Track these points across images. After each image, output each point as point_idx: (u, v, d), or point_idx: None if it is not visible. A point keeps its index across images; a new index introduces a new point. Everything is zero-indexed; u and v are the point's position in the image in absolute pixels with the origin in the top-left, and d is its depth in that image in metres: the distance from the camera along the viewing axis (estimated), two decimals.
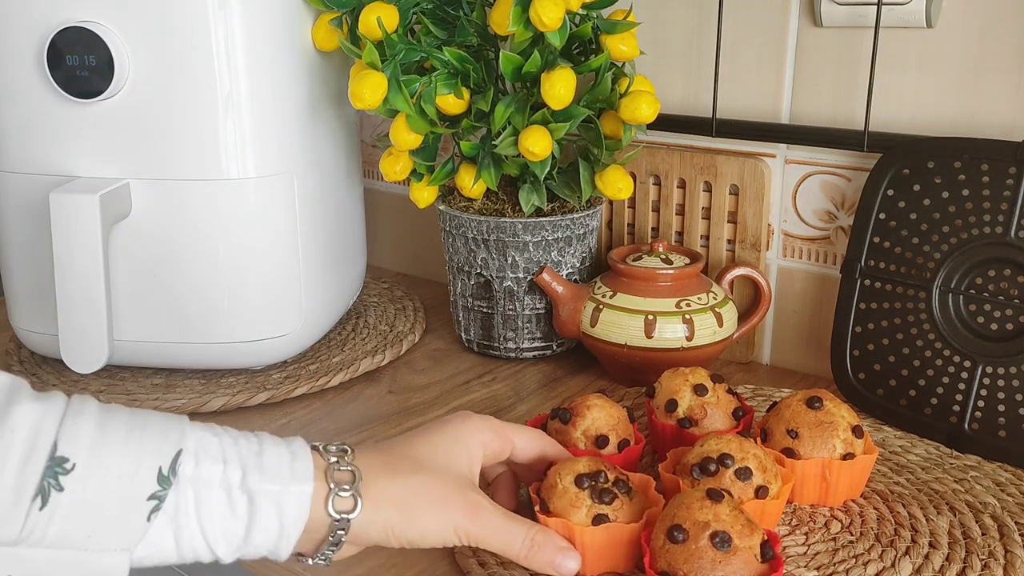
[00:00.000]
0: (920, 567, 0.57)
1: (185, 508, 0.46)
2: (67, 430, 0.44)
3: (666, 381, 0.69)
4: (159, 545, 0.47)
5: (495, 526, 0.52)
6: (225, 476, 0.47)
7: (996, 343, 0.70)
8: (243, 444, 0.49)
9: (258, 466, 0.48)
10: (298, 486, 0.48)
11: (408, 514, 0.51)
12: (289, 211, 0.83)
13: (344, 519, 0.49)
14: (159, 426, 0.47)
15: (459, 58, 0.79)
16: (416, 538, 0.51)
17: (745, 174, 0.87)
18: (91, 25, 0.74)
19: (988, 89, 0.75)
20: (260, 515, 0.48)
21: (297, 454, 0.49)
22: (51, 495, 0.43)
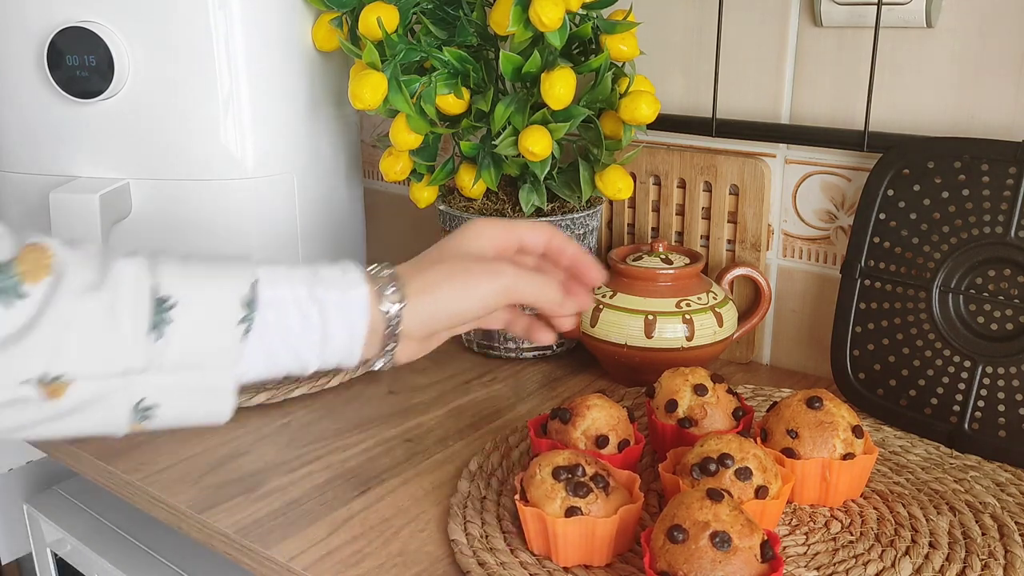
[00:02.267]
0: (920, 567, 0.57)
1: (268, 328, 0.54)
2: (161, 275, 0.52)
3: (666, 381, 0.69)
4: (253, 363, 0.55)
5: (530, 280, 0.60)
6: (295, 294, 0.55)
7: (996, 343, 0.70)
8: (300, 269, 0.58)
9: (318, 281, 0.57)
10: (355, 290, 0.57)
11: (442, 294, 0.59)
12: (289, 211, 0.83)
13: (394, 313, 0.57)
14: (233, 264, 0.56)
15: (459, 58, 0.79)
16: (459, 309, 0.59)
17: (745, 174, 0.87)
18: (91, 25, 0.74)
19: (988, 89, 0.75)
20: (330, 321, 0.56)
21: (346, 268, 0.58)
22: (163, 329, 0.52)
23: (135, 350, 0.51)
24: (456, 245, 0.62)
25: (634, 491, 0.58)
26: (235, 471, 0.70)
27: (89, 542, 0.89)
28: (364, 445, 0.74)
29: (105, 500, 0.94)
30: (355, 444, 0.75)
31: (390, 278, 0.58)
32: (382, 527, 0.63)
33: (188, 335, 0.52)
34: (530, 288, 0.60)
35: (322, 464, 0.71)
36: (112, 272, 0.52)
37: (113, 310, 0.51)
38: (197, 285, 0.53)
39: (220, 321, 0.53)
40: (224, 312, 0.53)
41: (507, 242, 0.63)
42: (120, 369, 0.52)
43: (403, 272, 0.59)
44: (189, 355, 0.53)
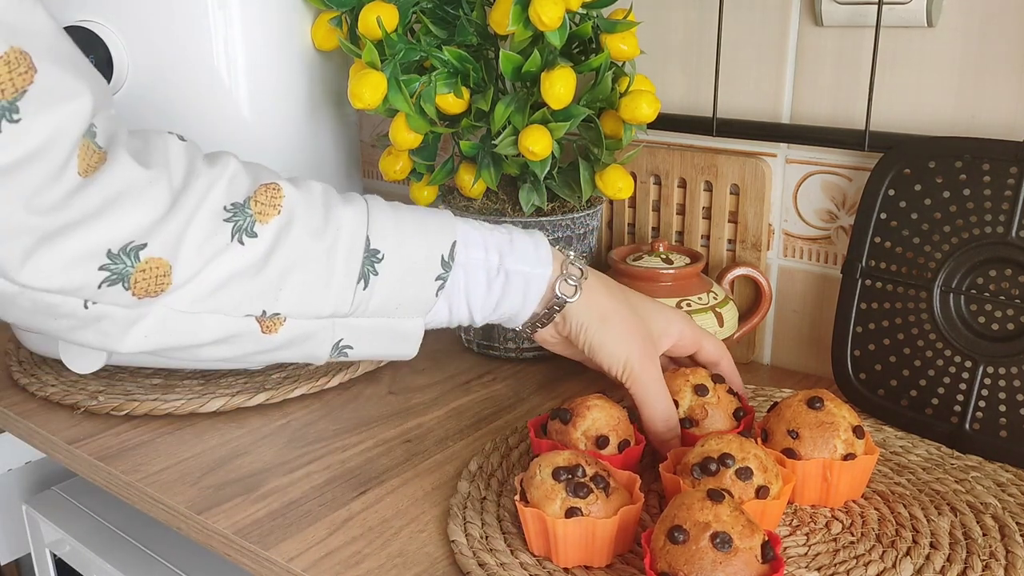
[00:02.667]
0: (921, 568, 0.57)
1: (457, 286, 0.61)
2: (375, 228, 0.58)
3: (667, 382, 0.69)
4: (438, 313, 0.62)
5: (653, 383, 0.64)
6: (487, 260, 0.61)
7: (997, 343, 0.70)
8: (497, 234, 0.63)
9: (511, 249, 0.62)
10: (542, 268, 0.62)
11: (603, 324, 0.63)
12: None
13: (563, 300, 0.63)
14: (436, 222, 0.60)
15: (459, 57, 0.79)
16: (597, 346, 0.64)
17: (746, 174, 0.87)
18: (90, 24, 0.73)
19: (989, 88, 0.75)
20: (511, 291, 0.62)
21: (539, 244, 0.63)
22: (370, 279, 0.57)
23: (344, 296, 0.57)
24: (651, 312, 0.67)
25: (634, 492, 0.58)
26: (234, 472, 0.70)
27: (88, 543, 0.89)
28: (364, 446, 0.74)
29: (104, 501, 0.94)
30: (355, 445, 0.74)
31: (578, 273, 0.64)
32: (382, 528, 0.63)
33: (390, 287, 0.58)
34: (646, 395, 0.64)
35: (321, 465, 0.71)
36: (334, 219, 0.57)
37: (331, 257, 0.56)
38: (405, 241, 0.59)
39: (419, 277, 0.59)
40: (424, 269, 0.59)
41: (686, 343, 0.69)
42: (329, 312, 0.57)
43: (592, 279, 0.65)
44: (388, 304, 0.59)
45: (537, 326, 0.65)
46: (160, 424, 0.78)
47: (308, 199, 0.57)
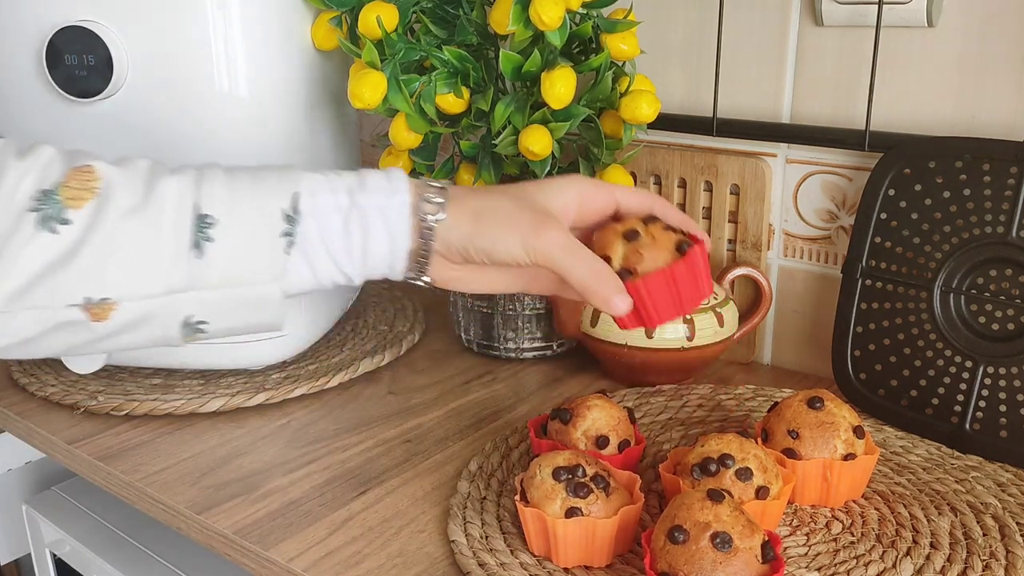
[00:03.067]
0: (921, 568, 0.57)
1: (311, 238, 0.54)
2: (204, 192, 0.53)
3: (596, 240, 0.59)
4: (299, 274, 0.55)
5: (560, 247, 0.55)
6: (337, 202, 0.55)
7: (997, 343, 0.70)
8: (346, 175, 0.57)
9: (362, 186, 0.56)
10: (398, 196, 0.56)
11: (482, 224, 0.55)
12: None
13: (429, 222, 0.55)
14: (275, 177, 0.55)
15: (459, 57, 0.79)
16: (488, 247, 0.55)
17: (746, 174, 0.87)
18: (90, 24, 0.73)
19: (989, 88, 0.75)
20: (372, 228, 0.55)
21: (392, 175, 0.57)
22: (205, 246, 0.52)
23: (176, 270, 0.52)
24: (532, 190, 0.58)
25: (634, 492, 0.58)
26: (234, 472, 0.70)
27: (88, 543, 0.89)
28: (363, 446, 0.74)
29: (104, 501, 0.94)
30: (354, 445, 0.74)
31: (437, 191, 0.56)
32: (382, 528, 0.63)
33: (230, 252, 0.53)
34: (560, 262, 0.55)
35: (321, 465, 0.71)
36: (156, 191, 0.52)
37: (155, 231, 0.52)
38: (238, 201, 0.53)
39: (261, 237, 0.53)
40: (265, 228, 0.53)
41: (596, 202, 0.59)
42: (162, 289, 0.52)
43: (455, 191, 0.57)
44: (233, 272, 0.53)
45: (424, 265, 0.57)
46: (160, 424, 0.78)
47: (128, 177, 0.53)
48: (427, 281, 0.58)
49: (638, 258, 0.56)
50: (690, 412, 0.78)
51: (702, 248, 0.57)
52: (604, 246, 0.57)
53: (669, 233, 0.57)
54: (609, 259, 0.56)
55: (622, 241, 0.57)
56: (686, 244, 0.56)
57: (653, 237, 0.56)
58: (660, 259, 0.56)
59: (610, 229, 0.57)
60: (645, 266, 0.55)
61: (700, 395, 0.81)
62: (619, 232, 0.57)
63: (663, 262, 0.56)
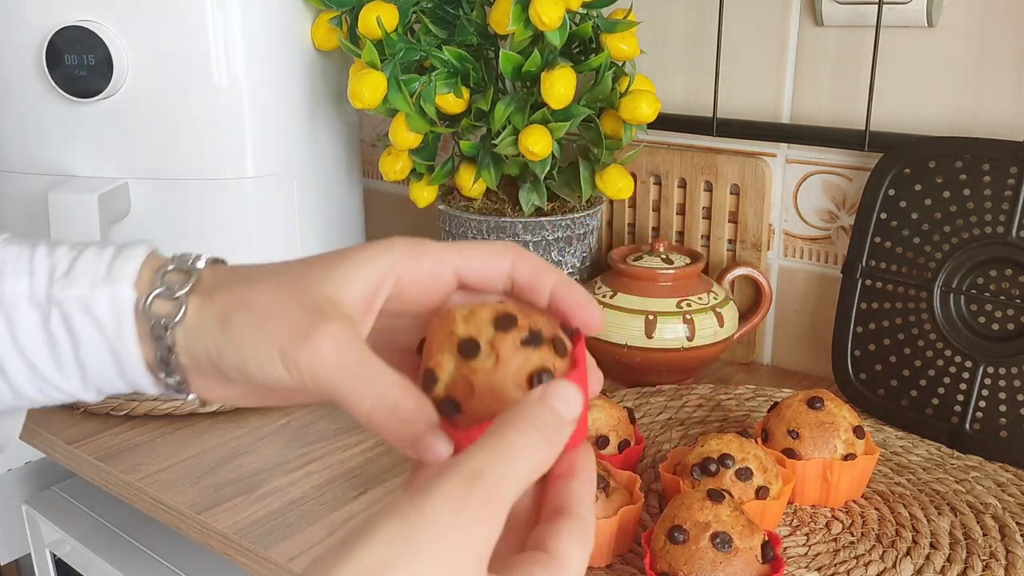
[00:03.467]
0: (921, 568, 0.57)
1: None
2: None
3: (427, 338, 0.38)
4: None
5: (335, 363, 0.35)
6: (32, 288, 0.38)
7: (997, 343, 0.70)
8: (60, 251, 0.39)
9: (69, 271, 0.38)
10: (110, 287, 0.38)
11: (231, 330, 0.37)
12: (289, 211, 0.83)
13: (160, 324, 0.37)
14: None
15: (459, 57, 0.79)
16: (239, 362, 0.36)
17: (746, 174, 0.87)
18: (90, 24, 0.73)
19: (989, 89, 0.74)
20: (80, 330, 0.38)
21: (127, 254, 0.39)
22: None
23: None
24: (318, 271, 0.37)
25: (634, 492, 0.58)
26: (234, 472, 0.70)
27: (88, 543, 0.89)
28: (364, 446, 0.74)
29: (104, 501, 0.94)
30: (355, 445, 0.74)
31: (181, 278, 0.38)
32: None
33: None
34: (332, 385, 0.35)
35: (321, 465, 0.71)
36: None
37: None
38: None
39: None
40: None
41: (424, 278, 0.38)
42: None
43: (210, 278, 0.38)
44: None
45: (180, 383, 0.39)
46: (160, 424, 0.78)
47: None
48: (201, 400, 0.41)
49: (468, 389, 0.36)
50: (690, 412, 0.78)
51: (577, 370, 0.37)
52: (431, 353, 0.38)
53: (526, 351, 0.36)
54: (434, 375, 0.37)
55: (455, 353, 0.37)
56: (546, 375, 0.36)
57: (498, 357, 0.36)
58: (500, 396, 0.36)
59: (446, 323, 0.38)
60: (475, 404, 0.36)
61: (700, 395, 0.81)
62: (455, 337, 0.37)
63: (502, 403, 0.36)
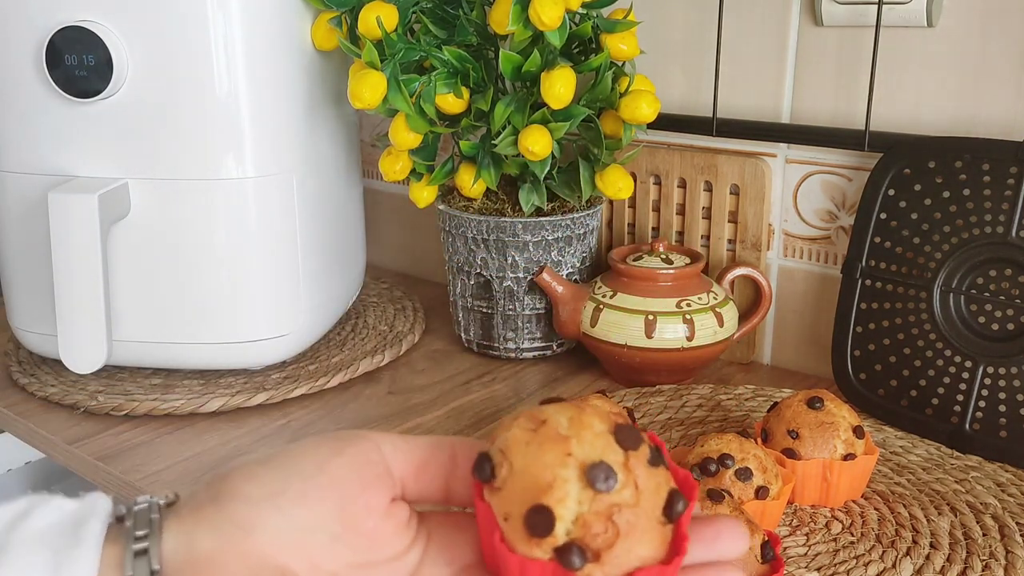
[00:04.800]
0: (921, 568, 0.57)
1: None
2: None
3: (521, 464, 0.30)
4: None
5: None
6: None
7: (997, 343, 0.70)
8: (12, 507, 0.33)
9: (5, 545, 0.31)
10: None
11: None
12: (288, 211, 0.83)
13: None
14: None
15: (459, 57, 0.79)
16: None
17: (746, 174, 0.87)
18: (90, 24, 0.73)
19: (989, 89, 0.74)
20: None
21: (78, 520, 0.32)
22: None
23: None
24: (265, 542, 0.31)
25: None
26: None
27: None
28: None
29: None
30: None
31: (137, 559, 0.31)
32: None
33: None
34: None
35: None
36: None
37: None
38: None
39: None
40: None
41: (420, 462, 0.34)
42: None
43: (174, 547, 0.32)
44: None
45: None
46: (160, 424, 0.78)
47: None
48: None
49: (612, 531, 0.28)
50: (690, 412, 0.78)
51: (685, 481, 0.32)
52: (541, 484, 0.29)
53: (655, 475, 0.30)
54: (550, 514, 0.28)
55: (581, 482, 0.29)
56: (681, 502, 0.30)
57: (636, 486, 0.29)
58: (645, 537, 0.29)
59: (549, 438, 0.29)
60: (618, 552, 0.28)
61: (700, 395, 0.81)
62: (574, 460, 0.29)
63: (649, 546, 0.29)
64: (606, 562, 0.28)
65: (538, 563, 0.28)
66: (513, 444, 0.29)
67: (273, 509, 0.31)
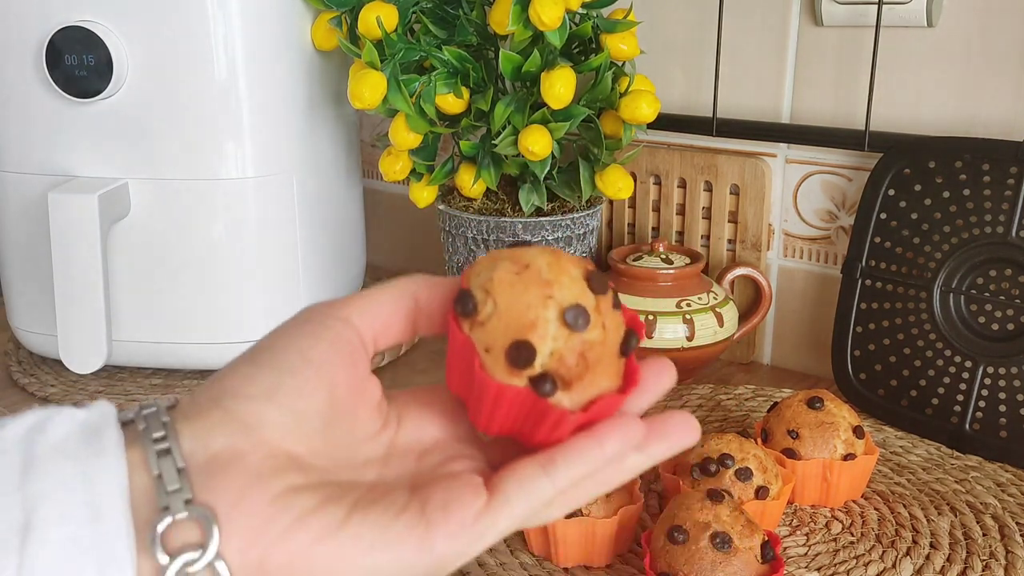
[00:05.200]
0: (921, 568, 0.57)
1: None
2: None
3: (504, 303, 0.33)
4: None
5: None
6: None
7: (997, 343, 0.70)
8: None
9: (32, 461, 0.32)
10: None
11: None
12: (288, 211, 0.83)
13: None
14: None
15: (459, 57, 0.79)
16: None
17: (746, 174, 0.86)
18: (90, 24, 0.73)
19: (989, 88, 0.74)
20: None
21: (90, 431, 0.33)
22: None
23: None
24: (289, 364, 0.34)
25: (634, 492, 0.58)
26: None
27: None
28: None
29: None
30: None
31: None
32: None
33: None
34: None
35: None
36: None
37: None
38: None
39: None
40: None
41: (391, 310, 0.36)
42: None
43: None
44: None
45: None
46: None
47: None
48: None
49: (582, 365, 0.33)
50: (690, 412, 0.78)
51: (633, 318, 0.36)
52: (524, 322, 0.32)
53: (617, 317, 0.35)
54: (531, 348, 0.32)
55: (559, 321, 0.32)
56: (634, 339, 0.35)
57: (604, 327, 0.33)
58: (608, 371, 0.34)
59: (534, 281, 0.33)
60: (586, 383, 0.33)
61: (700, 395, 0.81)
62: (554, 303, 0.32)
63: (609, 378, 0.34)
64: (575, 391, 0.33)
65: (514, 388, 0.32)
66: (498, 284, 0.33)
67: (272, 405, 0.34)
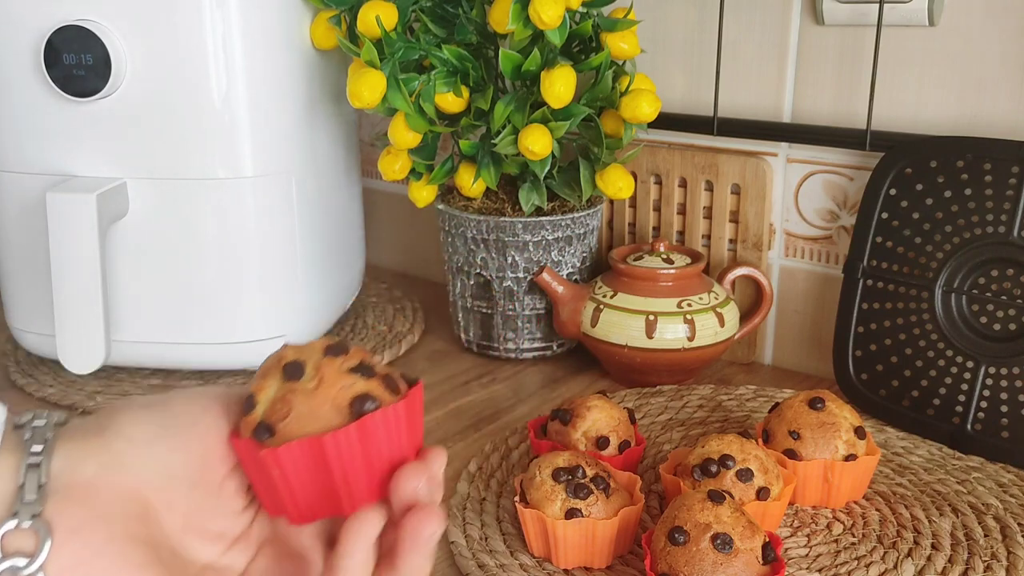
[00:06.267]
0: (922, 569, 0.57)
1: None
2: None
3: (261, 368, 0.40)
4: None
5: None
6: None
7: (999, 343, 0.70)
8: None
9: None
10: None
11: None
12: (287, 211, 0.82)
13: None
14: None
15: (458, 56, 0.79)
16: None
17: (747, 173, 0.86)
18: (88, 24, 0.73)
19: (991, 88, 0.74)
20: None
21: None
22: None
23: None
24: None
25: (635, 493, 0.58)
26: None
27: None
28: None
29: None
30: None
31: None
32: None
33: None
34: None
35: None
36: None
37: None
38: None
39: None
40: None
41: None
42: None
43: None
44: None
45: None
46: None
47: None
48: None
49: (285, 410, 0.37)
50: (691, 413, 0.78)
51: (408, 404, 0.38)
52: (256, 384, 0.38)
53: (353, 377, 0.37)
54: (253, 400, 0.38)
55: (280, 376, 0.38)
56: (371, 402, 0.37)
57: (321, 380, 0.37)
58: (316, 417, 0.37)
59: (278, 353, 0.39)
60: (291, 426, 0.37)
61: (701, 395, 0.81)
62: (282, 362, 0.38)
63: (317, 423, 0.37)
64: (278, 432, 0.36)
65: (245, 440, 0.37)
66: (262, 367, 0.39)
67: (149, 453, 0.36)
